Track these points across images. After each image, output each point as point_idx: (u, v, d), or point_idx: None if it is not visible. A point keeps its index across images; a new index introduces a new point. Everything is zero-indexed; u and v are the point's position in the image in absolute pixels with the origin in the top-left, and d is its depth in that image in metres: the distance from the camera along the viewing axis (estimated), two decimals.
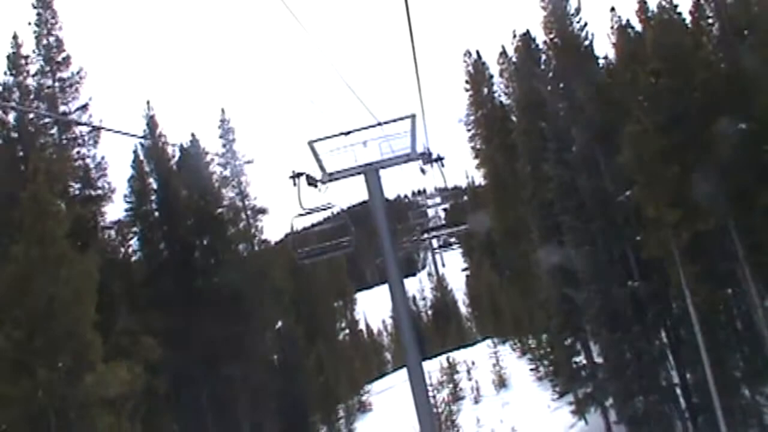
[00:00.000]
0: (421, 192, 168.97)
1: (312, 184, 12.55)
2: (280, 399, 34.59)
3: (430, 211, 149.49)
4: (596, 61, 30.07)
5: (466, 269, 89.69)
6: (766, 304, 24.12)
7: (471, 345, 74.97)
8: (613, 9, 31.92)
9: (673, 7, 26.57)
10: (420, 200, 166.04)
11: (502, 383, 53.28)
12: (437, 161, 13.38)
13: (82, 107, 27.55)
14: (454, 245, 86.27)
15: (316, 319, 50.27)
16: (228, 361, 29.06)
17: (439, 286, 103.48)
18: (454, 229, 21.73)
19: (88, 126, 28.03)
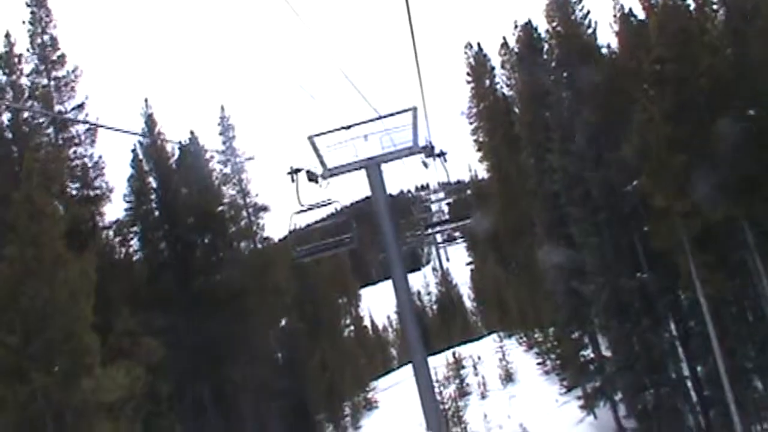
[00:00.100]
0: (424, 187, 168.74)
1: (312, 179, 12.25)
2: (284, 398, 34.28)
3: (434, 205, 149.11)
4: (599, 50, 29.71)
5: (470, 263, 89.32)
6: None
7: (477, 339, 74.66)
8: None
9: None
10: (424, 195, 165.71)
11: (509, 378, 52.87)
12: (439, 156, 13.13)
13: (78, 106, 27.24)
14: (459, 239, 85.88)
15: (319, 317, 49.85)
16: (231, 361, 28.83)
17: (444, 281, 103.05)
18: (459, 224, 21.35)
19: (85, 124, 27.77)
